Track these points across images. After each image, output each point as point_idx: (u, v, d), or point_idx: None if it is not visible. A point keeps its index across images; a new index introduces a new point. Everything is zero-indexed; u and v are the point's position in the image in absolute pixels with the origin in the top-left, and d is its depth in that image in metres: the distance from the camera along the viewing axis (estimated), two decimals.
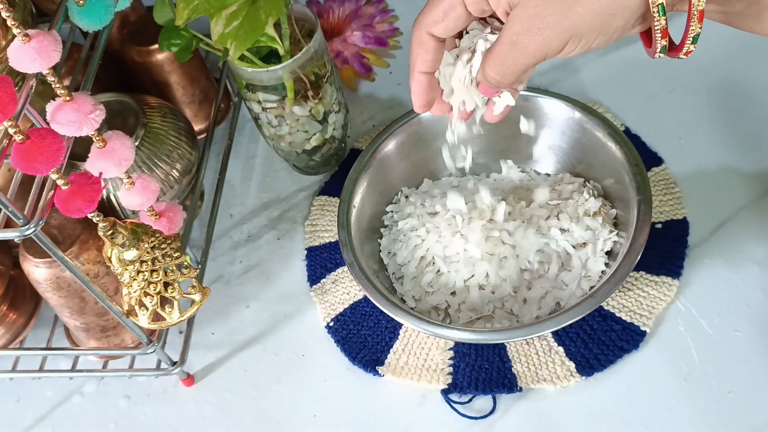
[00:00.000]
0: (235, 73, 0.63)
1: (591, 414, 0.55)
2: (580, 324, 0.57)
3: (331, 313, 0.63)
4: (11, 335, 0.64)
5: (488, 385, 0.56)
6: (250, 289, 0.67)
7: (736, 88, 0.70)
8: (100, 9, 0.46)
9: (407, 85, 0.49)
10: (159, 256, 0.50)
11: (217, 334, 0.64)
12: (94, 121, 0.41)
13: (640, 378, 0.55)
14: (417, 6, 0.46)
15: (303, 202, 0.72)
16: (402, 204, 0.66)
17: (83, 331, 0.60)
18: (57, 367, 0.63)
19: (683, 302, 0.58)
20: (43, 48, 0.38)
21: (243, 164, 0.76)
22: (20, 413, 0.63)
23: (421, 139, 0.67)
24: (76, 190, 0.43)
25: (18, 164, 0.40)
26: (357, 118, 0.77)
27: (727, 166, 0.65)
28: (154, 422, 0.61)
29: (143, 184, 0.49)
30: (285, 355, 0.62)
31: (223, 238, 0.71)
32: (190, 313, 0.52)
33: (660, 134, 0.68)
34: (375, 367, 0.59)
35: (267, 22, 0.54)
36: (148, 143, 0.60)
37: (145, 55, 0.70)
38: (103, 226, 0.47)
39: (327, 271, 0.65)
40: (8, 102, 0.37)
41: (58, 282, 0.55)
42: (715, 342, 0.56)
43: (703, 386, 0.54)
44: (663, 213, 0.63)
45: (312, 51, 0.61)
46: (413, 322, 0.55)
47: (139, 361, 0.61)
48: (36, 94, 0.42)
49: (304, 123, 0.65)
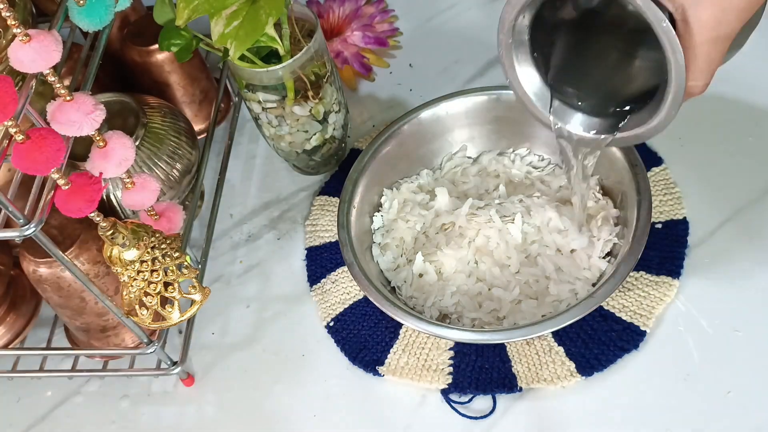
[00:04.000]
0: (235, 73, 0.63)
1: (591, 414, 0.55)
2: (580, 324, 0.57)
3: (331, 313, 0.63)
4: (11, 335, 0.64)
5: (488, 385, 0.56)
6: (250, 289, 0.67)
7: (736, 87, 0.70)
8: (100, 9, 0.46)
9: (407, 85, 0.49)
10: (159, 256, 0.50)
11: (217, 334, 0.64)
12: (95, 121, 0.41)
13: (640, 378, 0.55)
14: (417, 6, 0.46)
15: (303, 202, 0.72)
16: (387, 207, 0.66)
17: (83, 331, 0.60)
18: (57, 367, 0.63)
19: (683, 302, 0.58)
20: (43, 48, 0.38)
21: (243, 164, 0.76)
22: (20, 413, 0.63)
23: (421, 139, 0.67)
24: (77, 190, 0.43)
25: (18, 164, 0.40)
26: (357, 118, 0.77)
27: (727, 166, 0.65)
28: (154, 422, 0.61)
29: (143, 184, 0.49)
30: (285, 355, 0.62)
31: (223, 238, 0.71)
32: (190, 313, 0.52)
33: (660, 134, 0.68)
34: (375, 367, 0.59)
35: (267, 22, 0.54)
36: (148, 143, 0.60)
37: (145, 55, 0.70)
38: (104, 226, 0.47)
39: (327, 271, 0.65)
40: (8, 102, 0.37)
41: (58, 282, 0.55)
42: (715, 342, 0.56)
43: (703, 386, 0.54)
44: (663, 213, 0.63)
45: (312, 51, 0.61)
46: (413, 322, 0.55)
47: (139, 361, 0.61)
48: (36, 94, 0.42)
49: (304, 123, 0.65)
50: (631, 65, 0.47)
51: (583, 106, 0.49)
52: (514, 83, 0.47)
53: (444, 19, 0.83)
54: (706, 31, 0.39)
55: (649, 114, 0.44)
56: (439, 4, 0.84)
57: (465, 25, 0.82)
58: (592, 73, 0.49)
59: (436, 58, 0.79)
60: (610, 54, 0.48)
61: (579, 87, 0.48)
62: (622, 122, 0.47)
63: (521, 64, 0.47)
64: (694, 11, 0.38)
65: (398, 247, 0.64)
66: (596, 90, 0.49)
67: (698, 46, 0.40)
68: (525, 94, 0.47)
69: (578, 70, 0.48)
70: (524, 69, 0.47)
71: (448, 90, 0.68)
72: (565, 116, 0.48)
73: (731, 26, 0.39)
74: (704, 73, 0.41)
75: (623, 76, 0.49)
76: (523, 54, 0.46)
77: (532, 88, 0.48)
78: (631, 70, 0.48)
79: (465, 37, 0.81)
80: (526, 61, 0.46)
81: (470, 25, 0.82)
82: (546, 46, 0.47)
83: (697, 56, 0.40)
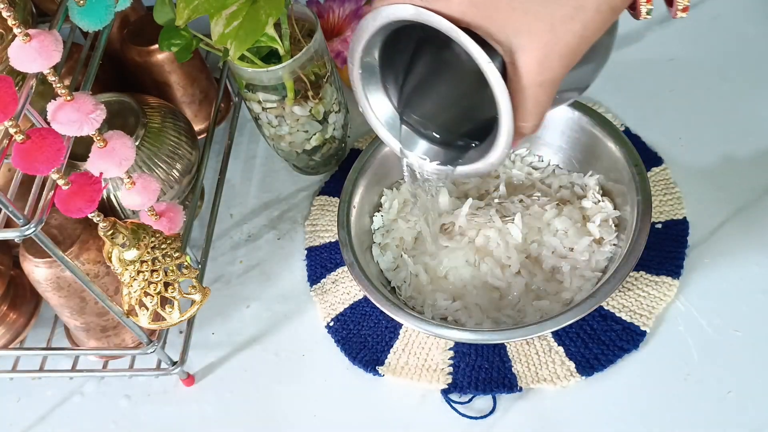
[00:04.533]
0: (235, 73, 0.63)
1: (591, 414, 0.55)
2: (580, 324, 0.57)
3: (331, 313, 0.63)
4: (11, 335, 0.64)
5: (488, 385, 0.56)
6: (250, 289, 0.67)
7: (735, 87, 0.70)
8: (100, 9, 0.46)
9: None
10: (159, 256, 0.50)
11: (217, 334, 0.64)
12: (95, 121, 0.41)
13: (640, 378, 0.55)
14: None
15: (303, 202, 0.72)
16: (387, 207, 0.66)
17: (83, 331, 0.60)
18: (57, 367, 0.63)
19: (683, 302, 0.58)
20: (43, 48, 0.38)
21: (243, 164, 0.76)
22: (20, 413, 0.63)
23: None
24: (77, 190, 0.43)
25: (18, 164, 0.40)
26: (357, 118, 0.76)
27: (727, 166, 0.65)
28: (154, 422, 0.61)
29: (144, 184, 0.48)
30: (285, 355, 0.62)
31: (223, 238, 0.71)
32: (190, 313, 0.52)
33: (660, 134, 0.68)
34: (375, 367, 0.59)
35: (267, 22, 0.54)
36: (149, 143, 0.60)
37: (145, 55, 0.70)
38: (104, 226, 0.47)
39: (327, 271, 0.65)
40: (9, 102, 0.37)
41: (58, 282, 0.55)
42: (715, 342, 0.56)
43: (703, 386, 0.54)
44: (663, 213, 0.63)
45: (312, 51, 0.61)
46: (413, 322, 0.55)
47: (139, 361, 0.61)
48: (36, 94, 0.42)
49: (304, 123, 0.65)
50: (475, 98, 0.48)
51: (430, 135, 0.49)
52: (366, 111, 0.48)
53: None
54: (532, 75, 0.39)
55: (487, 148, 0.44)
56: None
57: None
58: (439, 103, 0.50)
59: None
60: (456, 86, 0.49)
61: (427, 116, 0.49)
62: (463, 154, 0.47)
63: (372, 93, 0.48)
64: (520, 55, 0.39)
65: (398, 247, 0.64)
66: (442, 120, 0.50)
67: (526, 89, 0.40)
68: (376, 121, 0.48)
69: (427, 100, 0.49)
70: (375, 97, 0.48)
71: None
72: (411, 144, 0.49)
73: (555, 72, 0.39)
74: (533, 115, 0.41)
75: (468, 108, 0.50)
76: (374, 84, 0.47)
77: (384, 116, 0.49)
78: (475, 103, 0.49)
79: None
80: (377, 89, 0.47)
81: None
82: (398, 75, 0.48)
83: (526, 99, 0.40)
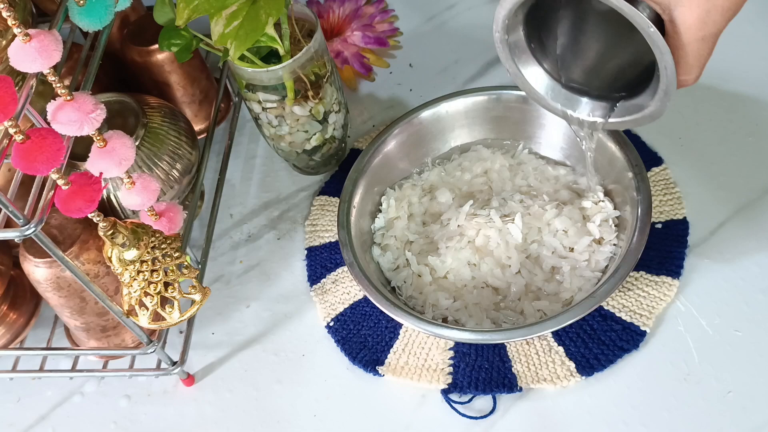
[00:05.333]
0: (235, 73, 0.63)
1: (591, 414, 0.55)
2: (580, 324, 0.57)
3: (331, 313, 0.63)
4: (11, 335, 0.64)
5: (488, 385, 0.56)
6: (250, 289, 0.67)
7: (735, 87, 0.70)
8: (100, 9, 0.46)
9: (407, 85, 0.49)
10: (159, 256, 0.50)
11: (217, 334, 0.64)
12: (95, 121, 0.41)
13: (640, 378, 0.55)
14: (417, 6, 0.46)
15: (303, 202, 0.72)
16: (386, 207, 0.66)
17: (83, 331, 0.60)
18: (57, 367, 0.63)
19: (683, 302, 0.58)
20: (43, 48, 0.38)
21: (243, 164, 0.76)
22: (20, 413, 0.63)
23: (421, 139, 0.67)
24: (77, 190, 0.43)
25: (18, 164, 0.40)
26: (357, 118, 0.77)
27: (727, 166, 0.65)
28: (154, 422, 0.61)
29: (143, 184, 0.48)
30: (285, 355, 0.62)
31: (223, 238, 0.71)
32: (190, 313, 0.52)
33: (660, 134, 0.68)
34: (375, 367, 0.59)
35: (267, 22, 0.54)
36: (149, 143, 0.60)
37: (145, 55, 0.70)
38: (104, 226, 0.47)
39: (327, 271, 0.65)
40: (9, 102, 0.37)
41: (58, 282, 0.55)
42: (715, 342, 0.56)
43: (703, 386, 0.54)
44: (663, 213, 0.63)
45: (312, 51, 0.61)
46: (413, 322, 0.55)
47: (139, 361, 0.61)
48: (36, 94, 0.42)
49: (304, 123, 0.65)
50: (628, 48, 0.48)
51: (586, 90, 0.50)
52: (516, 77, 0.49)
53: (444, 19, 0.83)
54: (693, 31, 0.40)
55: (645, 100, 0.45)
56: (439, 4, 0.84)
57: (465, 25, 0.82)
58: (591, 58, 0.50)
59: (436, 58, 0.79)
60: (608, 39, 0.49)
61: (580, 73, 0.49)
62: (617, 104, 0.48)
63: (520, 58, 0.48)
64: (679, 13, 0.39)
65: (398, 249, 0.64)
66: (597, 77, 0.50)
67: (687, 45, 0.40)
68: (527, 84, 0.49)
69: (578, 57, 0.49)
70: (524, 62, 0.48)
71: (448, 90, 0.68)
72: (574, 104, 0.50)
73: (717, 26, 0.40)
74: (694, 68, 0.42)
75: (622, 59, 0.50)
76: (521, 48, 0.47)
77: (535, 80, 0.49)
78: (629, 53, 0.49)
79: (465, 37, 0.81)
80: (525, 54, 0.48)
81: (470, 25, 0.82)
82: (543, 37, 0.48)
83: (687, 54, 0.41)
